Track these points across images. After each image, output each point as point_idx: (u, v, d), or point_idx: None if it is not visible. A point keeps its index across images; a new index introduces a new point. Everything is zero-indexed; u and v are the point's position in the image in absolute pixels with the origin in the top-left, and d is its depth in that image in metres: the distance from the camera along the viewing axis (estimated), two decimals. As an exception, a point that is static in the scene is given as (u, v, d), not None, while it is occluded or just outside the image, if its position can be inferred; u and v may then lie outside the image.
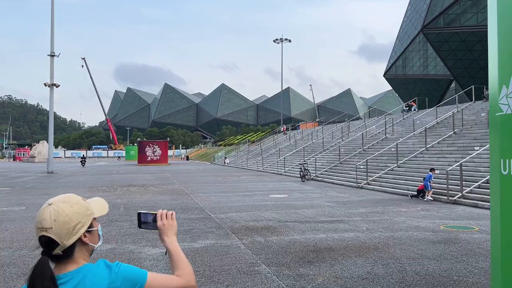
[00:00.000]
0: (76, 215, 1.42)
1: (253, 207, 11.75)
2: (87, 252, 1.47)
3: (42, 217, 1.39)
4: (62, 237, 1.37)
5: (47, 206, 1.41)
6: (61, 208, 1.40)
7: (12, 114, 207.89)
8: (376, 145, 23.61)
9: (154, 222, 1.65)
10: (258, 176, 26.44)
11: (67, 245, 1.38)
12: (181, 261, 1.58)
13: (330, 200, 13.50)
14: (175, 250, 1.60)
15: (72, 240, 1.40)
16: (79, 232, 1.41)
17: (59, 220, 1.38)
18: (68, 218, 1.39)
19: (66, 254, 1.39)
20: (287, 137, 46.84)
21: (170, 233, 1.63)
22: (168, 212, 1.67)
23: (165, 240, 1.61)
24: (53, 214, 1.38)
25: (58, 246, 1.37)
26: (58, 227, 1.37)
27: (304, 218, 9.83)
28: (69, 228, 1.39)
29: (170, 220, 1.65)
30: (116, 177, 26.87)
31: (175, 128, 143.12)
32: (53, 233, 1.36)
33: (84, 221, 1.44)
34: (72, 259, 1.41)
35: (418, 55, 67.72)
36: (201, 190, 17.20)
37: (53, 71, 34.08)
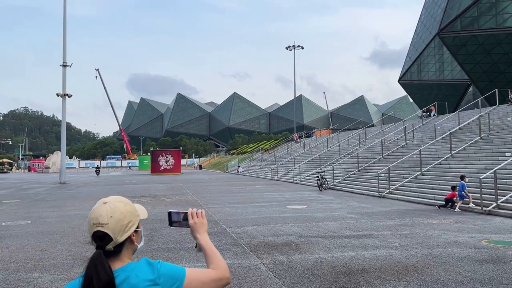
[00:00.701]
0: (129, 214, 1.52)
1: (271, 220, 10.96)
2: (131, 251, 1.55)
3: (99, 213, 1.48)
4: (116, 233, 1.47)
5: (102, 204, 1.51)
6: (117, 206, 1.51)
7: (28, 125, 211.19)
8: (396, 152, 22.64)
9: (184, 220, 1.72)
10: (273, 185, 25.64)
11: (119, 241, 1.48)
12: (215, 255, 1.65)
13: (352, 211, 12.63)
14: (208, 246, 1.67)
15: (124, 237, 1.49)
16: (130, 230, 1.51)
17: (115, 217, 1.48)
18: (123, 216, 1.50)
19: (116, 250, 1.48)
20: (301, 145, 45.98)
21: (202, 230, 1.71)
22: (198, 211, 1.74)
23: (198, 237, 1.69)
24: (109, 211, 1.48)
25: (111, 242, 1.46)
26: (114, 223, 1.47)
27: (327, 232, 9.01)
28: (123, 225, 1.49)
29: (200, 218, 1.73)
30: (128, 187, 26.36)
31: (188, 137, 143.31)
32: (109, 229, 1.46)
33: (134, 220, 1.54)
34: (119, 257, 1.50)
35: (434, 60, 66.48)
36: (215, 200, 16.49)
37: (65, 81, 33.96)
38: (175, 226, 1.75)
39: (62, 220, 11.65)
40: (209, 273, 1.58)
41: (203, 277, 1.56)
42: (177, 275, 1.50)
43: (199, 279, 1.55)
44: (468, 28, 45.04)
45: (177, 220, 1.74)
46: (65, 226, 10.58)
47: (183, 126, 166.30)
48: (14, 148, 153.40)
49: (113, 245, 1.47)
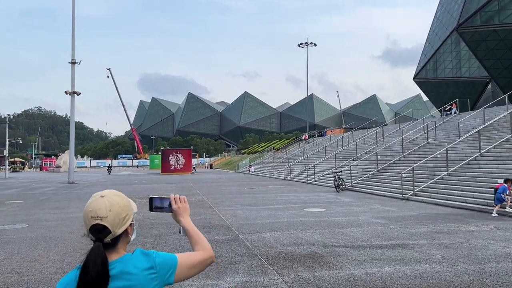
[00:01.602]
0: (126, 208, 1.56)
1: (288, 225, 9.92)
2: (126, 243, 1.59)
3: (98, 207, 1.50)
4: (115, 226, 1.50)
5: (100, 198, 1.53)
6: (114, 200, 1.54)
7: (42, 125, 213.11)
8: (417, 151, 21.39)
9: (168, 206, 1.78)
10: (287, 185, 24.57)
11: (117, 233, 1.51)
12: (199, 237, 1.74)
13: (377, 215, 11.52)
14: (192, 228, 1.77)
15: (122, 230, 1.53)
16: (127, 223, 1.56)
17: (114, 210, 1.51)
18: (121, 209, 1.54)
19: (113, 242, 1.51)
20: (313, 144, 44.79)
21: (185, 214, 1.79)
22: (180, 197, 1.81)
23: (181, 221, 1.77)
24: (108, 205, 1.51)
25: (109, 235, 1.49)
26: (113, 216, 1.50)
27: (354, 240, 7.94)
28: (121, 218, 1.52)
29: (183, 203, 1.80)
30: (137, 187, 25.55)
31: (199, 136, 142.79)
32: (108, 222, 1.49)
33: (130, 214, 1.58)
34: (115, 249, 1.53)
35: (450, 57, 64.70)
36: (226, 202, 15.49)
37: (74, 79, 33.30)
38: (156, 211, 1.80)
39: (62, 223, 10.76)
40: (197, 256, 1.66)
41: (192, 261, 1.64)
42: (171, 263, 1.58)
43: (189, 263, 1.62)
44: (488, 22, 43.30)
45: (160, 206, 1.79)
46: (63, 230, 9.68)
47: (194, 125, 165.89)
48: (27, 148, 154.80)
49: (111, 237, 1.50)
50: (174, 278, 1.57)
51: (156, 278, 1.51)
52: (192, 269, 1.63)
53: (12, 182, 35.34)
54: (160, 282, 1.53)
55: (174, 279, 1.58)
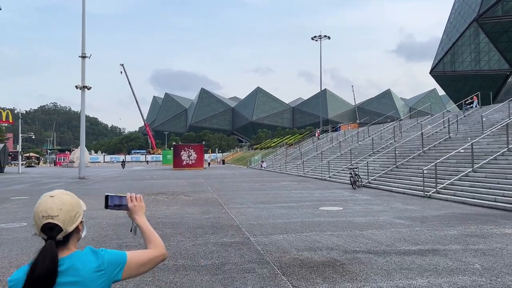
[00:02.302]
0: (76, 206, 1.60)
1: (303, 226, 9.14)
2: (77, 240, 1.62)
3: (48, 206, 1.54)
4: (66, 224, 1.54)
5: (49, 197, 1.57)
6: (64, 199, 1.58)
7: (57, 120, 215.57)
8: (438, 146, 20.34)
9: (124, 204, 1.82)
10: (300, 182, 23.75)
11: (69, 231, 1.55)
12: (153, 235, 1.77)
13: (399, 215, 10.66)
14: (146, 226, 1.80)
15: (73, 227, 1.57)
16: (78, 220, 1.60)
17: (64, 209, 1.55)
18: (71, 207, 1.58)
19: (64, 240, 1.55)
20: (327, 139, 43.79)
21: (140, 213, 1.83)
22: (136, 195, 1.85)
23: (136, 219, 1.80)
24: (58, 204, 1.55)
25: (61, 232, 1.53)
26: (64, 215, 1.54)
27: (378, 245, 7.12)
28: (72, 216, 1.57)
29: (139, 201, 1.85)
30: (147, 183, 25.03)
31: (211, 132, 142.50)
32: (59, 220, 1.53)
33: (80, 211, 1.62)
34: (66, 246, 1.56)
35: (469, 50, 62.76)
36: (237, 199, 14.78)
37: (84, 73, 32.93)
38: (110, 209, 1.83)
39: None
40: (147, 253, 1.69)
41: (142, 258, 1.66)
42: (120, 260, 1.60)
43: (139, 261, 1.65)
44: (510, 13, 41.57)
45: (117, 204, 1.83)
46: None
47: (206, 121, 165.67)
48: (43, 143, 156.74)
49: (63, 235, 1.53)
50: (122, 275, 1.61)
51: (104, 275, 1.55)
52: (142, 267, 1.67)
53: (24, 177, 35.26)
54: (108, 279, 1.57)
55: (122, 276, 1.61)
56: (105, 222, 9.82)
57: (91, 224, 9.45)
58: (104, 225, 9.46)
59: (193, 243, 7.47)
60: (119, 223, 9.50)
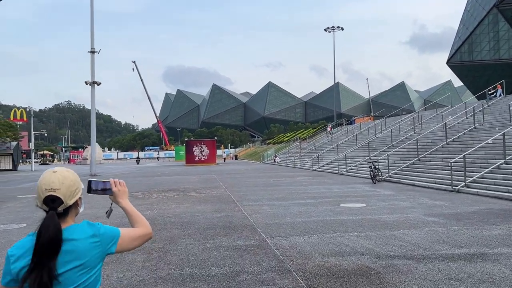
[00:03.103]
0: (76, 182, 1.69)
1: (325, 225, 8.26)
2: (75, 214, 1.72)
3: (51, 180, 1.63)
4: (67, 197, 1.63)
5: (52, 173, 1.66)
6: (66, 174, 1.68)
7: (71, 118, 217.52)
8: (463, 137, 19.20)
9: (107, 189, 1.88)
10: (316, 176, 22.83)
11: (69, 204, 1.64)
12: (138, 216, 1.88)
13: (429, 211, 9.70)
14: (131, 208, 1.89)
15: (73, 201, 1.66)
16: (77, 195, 1.70)
17: (66, 183, 1.64)
18: (72, 182, 1.67)
19: (64, 212, 1.63)
20: (342, 133, 42.69)
21: (124, 196, 1.91)
22: (120, 181, 1.93)
23: (121, 202, 1.89)
24: (60, 178, 1.64)
25: (62, 205, 1.61)
26: (65, 188, 1.63)
27: (414, 248, 6.21)
28: (72, 190, 1.66)
29: (123, 186, 1.93)
30: (159, 179, 24.40)
31: (223, 128, 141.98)
32: (60, 193, 1.62)
33: (80, 187, 1.72)
34: (65, 219, 1.65)
35: (488, 38, 60.76)
36: (250, 196, 13.95)
37: (93, 69, 32.45)
38: (93, 193, 1.87)
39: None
40: (136, 231, 1.82)
41: (132, 235, 1.79)
42: (114, 234, 1.71)
43: (130, 236, 1.77)
44: (534, -3, 39.62)
45: (101, 188, 1.88)
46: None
47: (218, 116, 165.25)
48: (58, 141, 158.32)
49: (63, 207, 1.61)
50: (116, 248, 1.72)
51: (99, 246, 1.65)
52: (133, 242, 1.79)
53: (36, 175, 35.03)
54: (102, 250, 1.66)
55: (116, 249, 1.72)
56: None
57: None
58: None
59: (203, 246, 6.66)
60: (124, 223, 8.76)
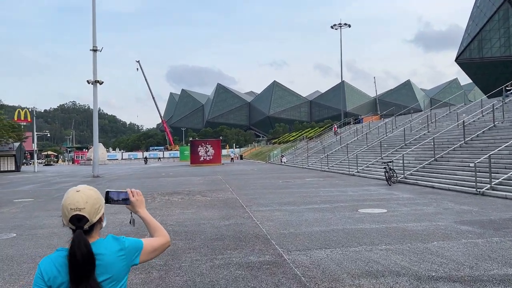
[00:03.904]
0: (98, 199, 1.76)
1: (347, 236, 7.37)
2: (99, 229, 1.79)
3: (76, 200, 1.69)
4: (91, 215, 1.70)
5: (76, 192, 1.72)
6: (89, 193, 1.74)
7: (76, 119, 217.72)
8: (482, 136, 18.22)
9: (124, 199, 1.92)
10: (326, 178, 21.91)
11: (94, 221, 1.71)
12: (157, 225, 1.95)
13: (459, 218, 8.77)
14: (150, 218, 1.94)
15: (97, 218, 1.73)
16: (101, 212, 1.76)
17: (90, 202, 1.71)
18: (96, 201, 1.73)
19: (90, 229, 1.71)
20: (350, 132, 41.70)
21: (142, 206, 1.95)
22: (136, 190, 1.97)
23: (139, 212, 1.93)
24: (84, 197, 1.71)
25: (87, 223, 1.68)
26: (89, 207, 1.70)
27: (457, 266, 5.30)
28: (96, 208, 1.72)
29: (139, 196, 1.96)
30: (163, 181, 23.58)
31: (228, 127, 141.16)
32: (86, 212, 1.68)
33: (102, 204, 1.79)
34: (91, 234, 1.72)
35: (498, 35, 59.52)
36: (260, 200, 13.07)
37: (96, 67, 31.68)
38: (112, 203, 1.91)
39: (58, 231, 8.60)
40: (157, 241, 1.89)
41: (154, 245, 1.86)
42: (138, 246, 1.80)
43: (152, 247, 1.85)
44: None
45: (116, 199, 1.92)
46: (53, 243, 7.53)
47: (223, 116, 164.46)
48: (63, 141, 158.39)
49: (88, 225, 1.69)
50: (139, 259, 1.80)
51: (125, 259, 1.73)
52: (153, 252, 1.87)
53: (38, 176, 34.36)
54: (128, 262, 1.75)
55: (140, 260, 1.80)
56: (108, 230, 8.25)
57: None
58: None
59: (211, 263, 5.79)
60: (124, 231, 7.92)
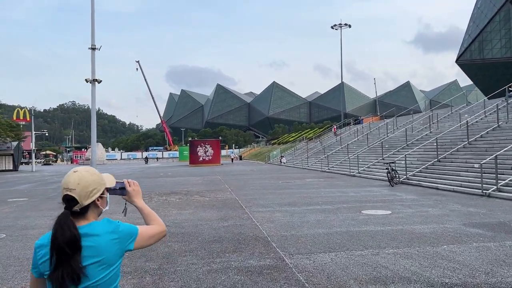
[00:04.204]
0: (93, 183, 1.74)
1: (351, 238, 7.02)
2: (97, 213, 1.79)
3: (69, 180, 1.71)
4: (82, 197, 1.69)
5: (73, 173, 1.73)
6: (83, 175, 1.73)
7: (76, 119, 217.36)
8: (486, 136, 17.89)
9: (121, 189, 1.93)
10: (326, 178, 21.58)
11: (84, 204, 1.70)
12: (153, 214, 1.95)
13: (467, 220, 8.44)
14: (145, 207, 1.95)
15: (89, 201, 1.72)
16: (94, 196, 1.74)
17: (81, 184, 1.70)
18: (88, 184, 1.72)
19: (82, 211, 1.72)
20: (351, 132, 41.39)
21: (138, 196, 1.96)
22: (132, 181, 1.98)
23: (135, 201, 1.94)
24: (77, 179, 1.71)
25: (77, 204, 1.69)
26: (80, 189, 1.69)
27: (471, 272, 4.96)
28: (87, 191, 1.71)
29: (136, 186, 1.97)
30: (161, 181, 23.24)
31: (228, 128, 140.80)
32: (75, 194, 1.69)
33: (99, 188, 1.77)
34: (85, 217, 1.73)
35: (499, 36, 59.19)
36: (259, 200, 12.72)
37: (94, 66, 31.21)
38: (110, 193, 1.89)
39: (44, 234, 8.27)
40: (154, 228, 1.89)
41: (150, 232, 1.85)
42: (132, 232, 1.78)
43: (147, 233, 1.84)
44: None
45: (113, 189, 1.92)
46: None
47: (222, 117, 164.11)
48: (63, 141, 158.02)
49: (79, 207, 1.69)
50: (134, 245, 1.78)
51: (118, 243, 1.71)
52: (149, 239, 1.85)
53: (35, 176, 34.00)
54: (121, 247, 1.73)
55: (134, 246, 1.78)
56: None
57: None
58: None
59: (208, 267, 5.44)
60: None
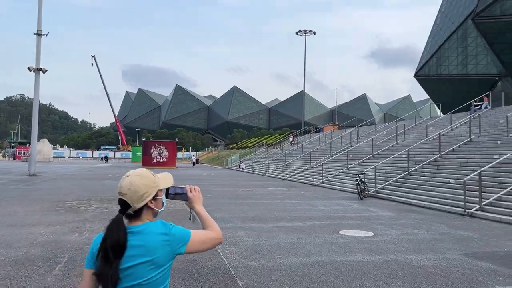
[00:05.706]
0: (144, 187, 1.75)
1: (339, 274, 5.44)
2: (152, 214, 1.80)
3: (121, 185, 1.76)
4: (134, 201, 1.73)
5: (126, 177, 1.78)
6: (134, 180, 1.76)
7: (24, 113, 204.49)
8: (458, 150, 17.14)
9: (183, 194, 1.96)
10: (290, 187, 20.14)
11: (136, 207, 1.74)
12: (211, 221, 1.93)
13: (466, 249, 7.13)
14: (205, 214, 1.94)
15: (141, 205, 1.74)
16: (146, 199, 1.76)
17: (132, 189, 1.73)
18: (138, 188, 1.74)
19: (136, 214, 1.75)
20: (312, 140, 40.52)
21: (199, 202, 1.97)
22: (195, 187, 2.01)
23: (195, 208, 1.95)
24: (128, 183, 1.74)
25: (130, 208, 1.73)
26: (131, 194, 1.73)
27: None
28: (139, 195, 1.73)
29: (198, 192, 1.99)
30: (107, 183, 20.85)
31: (185, 130, 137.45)
32: (127, 198, 1.73)
33: (150, 192, 1.78)
34: (140, 218, 1.76)
35: (456, 53, 60.89)
36: (218, 212, 10.93)
37: (39, 53, 28.30)
38: (171, 198, 1.93)
39: None
40: (208, 234, 1.87)
41: (203, 237, 1.83)
42: (185, 236, 1.77)
43: (200, 239, 1.82)
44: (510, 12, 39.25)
45: (177, 193, 1.95)
46: None
47: (180, 118, 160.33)
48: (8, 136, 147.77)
49: (132, 210, 1.73)
50: (185, 249, 1.77)
51: (169, 245, 1.71)
52: (202, 245, 1.82)
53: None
54: (172, 249, 1.72)
55: (185, 250, 1.77)
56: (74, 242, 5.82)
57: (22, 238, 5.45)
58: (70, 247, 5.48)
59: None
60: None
